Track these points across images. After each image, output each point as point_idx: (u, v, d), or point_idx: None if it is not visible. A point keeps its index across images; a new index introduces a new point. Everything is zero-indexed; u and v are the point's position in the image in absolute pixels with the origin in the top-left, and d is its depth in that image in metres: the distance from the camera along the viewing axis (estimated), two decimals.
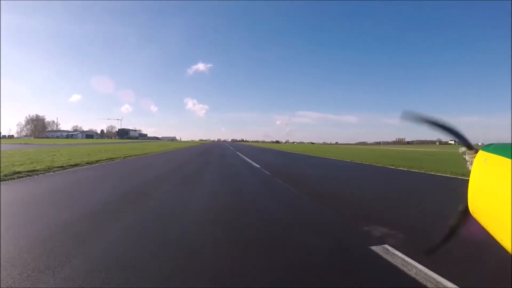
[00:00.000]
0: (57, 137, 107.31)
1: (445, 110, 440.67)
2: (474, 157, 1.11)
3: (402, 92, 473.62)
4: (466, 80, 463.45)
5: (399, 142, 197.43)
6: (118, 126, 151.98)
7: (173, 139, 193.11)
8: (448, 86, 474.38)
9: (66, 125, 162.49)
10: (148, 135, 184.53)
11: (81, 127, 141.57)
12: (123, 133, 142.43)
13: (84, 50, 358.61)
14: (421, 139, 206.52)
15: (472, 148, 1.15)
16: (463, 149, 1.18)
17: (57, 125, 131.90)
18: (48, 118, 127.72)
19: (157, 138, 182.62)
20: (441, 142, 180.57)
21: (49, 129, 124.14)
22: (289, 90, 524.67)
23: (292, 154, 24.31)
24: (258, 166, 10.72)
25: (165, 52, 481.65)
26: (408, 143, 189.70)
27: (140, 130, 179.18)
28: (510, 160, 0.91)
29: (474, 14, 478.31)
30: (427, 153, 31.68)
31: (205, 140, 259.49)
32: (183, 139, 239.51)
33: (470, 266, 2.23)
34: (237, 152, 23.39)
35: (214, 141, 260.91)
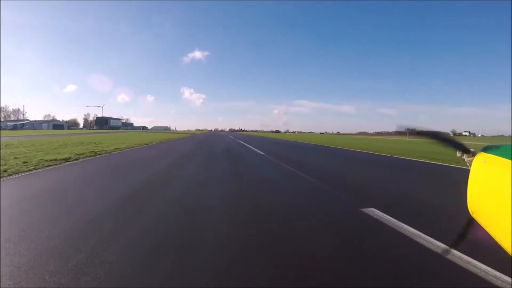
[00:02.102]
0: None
1: (442, 100, 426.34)
2: (471, 160, 1.10)
3: (399, 83, 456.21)
4: (464, 70, 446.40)
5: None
6: (100, 114, 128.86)
7: (166, 129, 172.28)
8: (446, 77, 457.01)
9: (38, 115, 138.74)
10: (134, 124, 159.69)
11: (53, 116, 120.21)
12: (103, 122, 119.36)
13: (76, 39, 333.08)
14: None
15: (469, 152, 1.14)
16: (459, 153, 1.17)
17: (23, 114, 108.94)
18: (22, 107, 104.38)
19: (143, 128, 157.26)
20: (455, 134, 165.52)
21: (13, 118, 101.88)
22: (286, 79, 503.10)
23: (358, 153, 7.55)
24: None
25: (160, 40, 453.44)
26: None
27: (127, 119, 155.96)
28: (509, 160, 0.89)
29: (474, 8, 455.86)
30: None
31: (202, 130, 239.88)
32: (179, 129, 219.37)
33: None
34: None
35: (211, 130, 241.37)
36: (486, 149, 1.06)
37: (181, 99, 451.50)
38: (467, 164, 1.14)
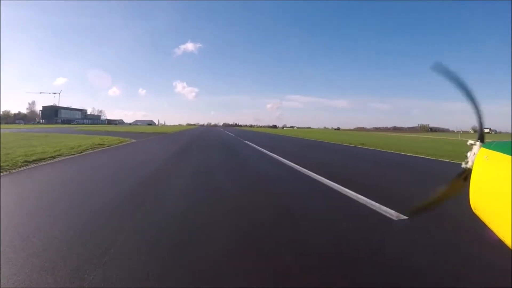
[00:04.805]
0: None
1: (440, 96, 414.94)
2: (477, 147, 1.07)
3: (393, 77, 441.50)
4: (463, 65, 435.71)
5: (422, 129, 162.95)
6: (58, 103, 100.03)
7: (150, 124, 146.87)
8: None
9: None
10: (103, 117, 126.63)
11: None
12: (52, 114, 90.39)
13: (62, 32, 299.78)
14: (436, 126, 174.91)
15: (483, 141, 1.07)
16: (471, 141, 1.11)
17: None
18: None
19: (109, 122, 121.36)
20: (475, 130, 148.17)
21: None
22: (279, 74, 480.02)
23: None
24: None
25: (151, 29, 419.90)
26: (431, 130, 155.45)
27: (100, 111, 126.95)
28: (511, 157, 0.86)
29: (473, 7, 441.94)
30: None
31: (194, 124, 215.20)
32: (169, 123, 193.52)
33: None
34: None
35: (203, 125, 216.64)
36: (488, 146, 1.01)
37: (174, 93, 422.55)
38: (467, 159, 1.10)
